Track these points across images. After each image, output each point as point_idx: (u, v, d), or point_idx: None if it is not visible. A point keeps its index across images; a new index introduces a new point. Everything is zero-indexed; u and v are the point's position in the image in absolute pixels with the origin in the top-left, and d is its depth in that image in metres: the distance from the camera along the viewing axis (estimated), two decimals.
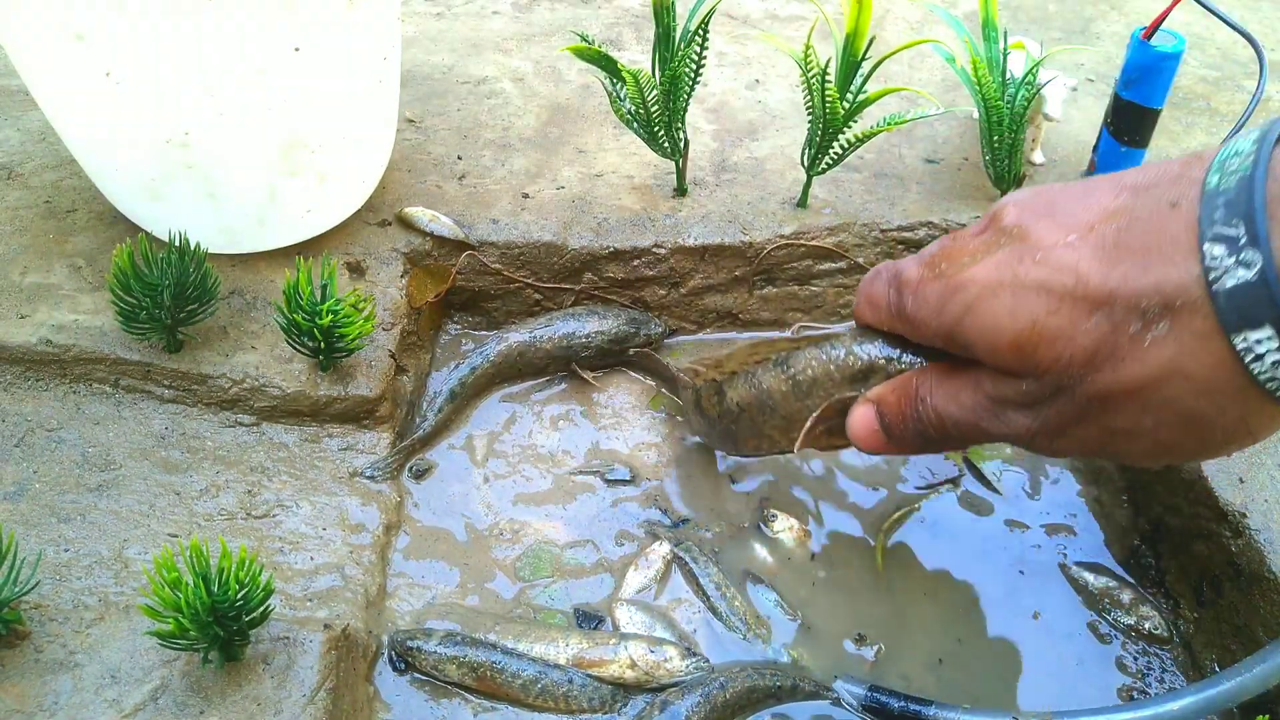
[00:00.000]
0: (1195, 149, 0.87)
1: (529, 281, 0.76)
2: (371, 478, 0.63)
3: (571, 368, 0.72)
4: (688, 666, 0.55)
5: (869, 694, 0.55)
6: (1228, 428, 0.36)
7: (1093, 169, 0.82)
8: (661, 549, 0.62)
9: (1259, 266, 0.33)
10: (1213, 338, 0.34)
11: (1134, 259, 0.36)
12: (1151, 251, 0.35)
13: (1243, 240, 0.33)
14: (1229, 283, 0.34)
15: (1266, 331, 0.33)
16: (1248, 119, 0.69)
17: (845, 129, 0.71)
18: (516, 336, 0.71)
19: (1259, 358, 0.34)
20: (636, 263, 0.76)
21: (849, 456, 0.69)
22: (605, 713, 0.54)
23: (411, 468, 0.67)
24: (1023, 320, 0.38)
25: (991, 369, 0.42)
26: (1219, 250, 0.34)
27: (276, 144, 0.63)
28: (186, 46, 0.56)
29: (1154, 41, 0.73)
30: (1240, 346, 0.34)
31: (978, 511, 0.66)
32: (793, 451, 0.54)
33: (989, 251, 0.41)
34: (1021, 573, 0.63)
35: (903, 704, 0.54)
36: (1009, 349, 0.39)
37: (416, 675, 0.56)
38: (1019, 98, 0.73)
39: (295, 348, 0.63)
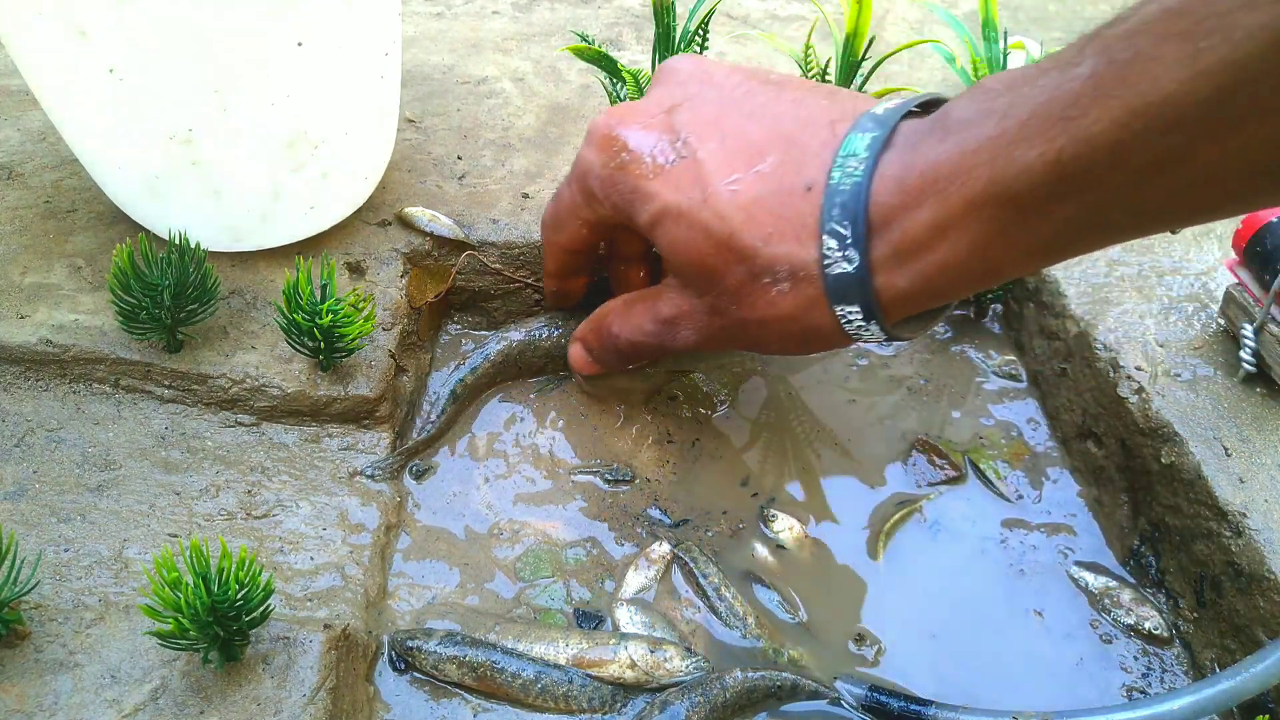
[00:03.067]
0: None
1: (529, 281, 0.76)
2: (372, 477, 0.63)
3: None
4: (688, 666, 0.55)
5: (869, 694, 0.55)
6: (824, 344, 0.49)
7: None
8: (661, 549, 0.62)
9: (856, 264, 0.43)
10: (820, 302, 0.46)
11: (773, 226, 0.45)
12: (785, 224, 0.45)
13: (849, 240, 0.43)
14: (835, 270, 0.44)
15: (855, 307, 0.45)
16: None
17: None
18: (516, 335, 0.71)
19: (849, 320, 0.46)
20: None
21: (850, 456, 0.69)
22: (605, 713, 0.54)
23: (412, 468, 0.67)
24: (693, 252, 0.48)
25: (663, 292, 0.54)
26: (833, 243, 0.44)
27: (280, 140, 0.63)
28: (190, 42, 0.56)
29: None
30: (838, 312, 0.46)
31: (978, 511, 0.66)
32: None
33: (667, 163, 0.49)
34: (1022, 572, 0.63)
35: (902, 704, 0.54)
36: (683, 268, 0.50)
37: (416, 675, 0.56)
38: None
39: (295, 348, 0.63)
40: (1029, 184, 0.39)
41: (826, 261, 0.44)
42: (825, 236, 0.44)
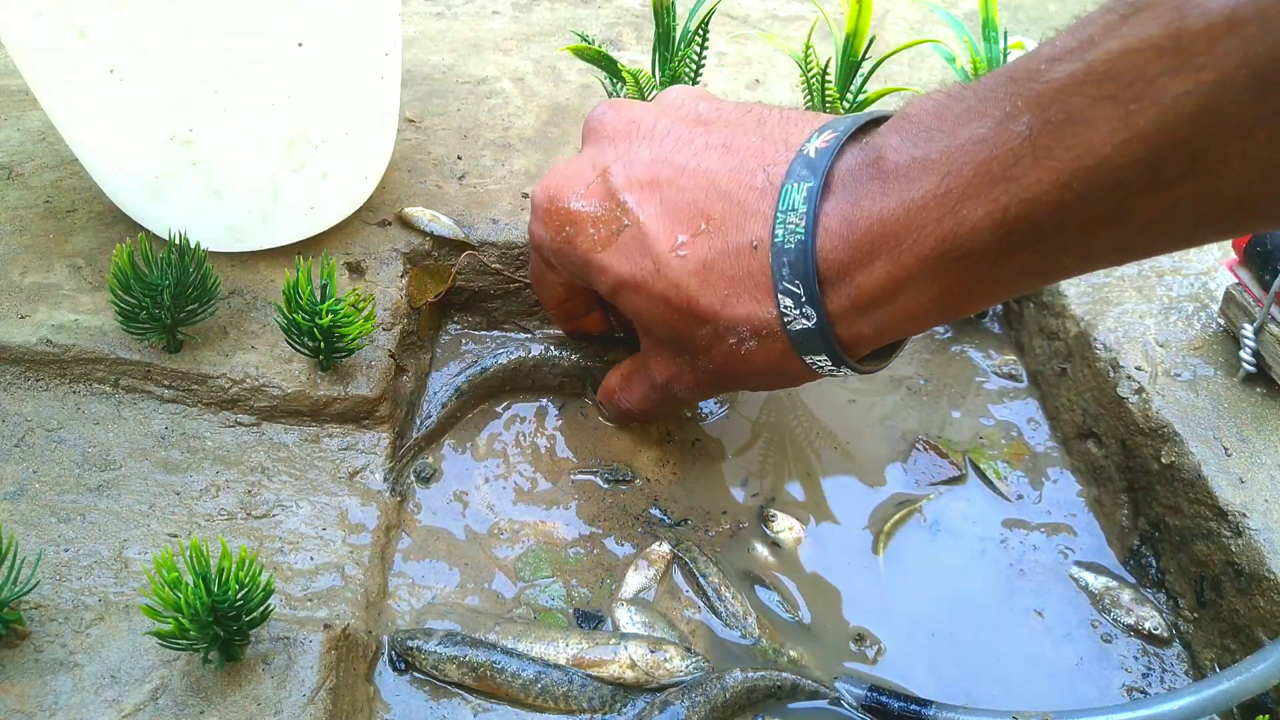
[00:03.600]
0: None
1: (529, 282, 0.76)
2: (393, 489, 0.63)
3: (587, 390, 0.71)
4: (688, 666, 0.55)
5: (869, 694, 0.55)
6: (804, 380, 0.50)
7: None
8: (661, 549, 0.62)
9: (815, 320, 0.44)
10: (789, 353, 0.46)
11: (728, 288, 0.45)
12: (740, 285, 0.45)
13: (803, 299, 0.43)
14: (796, 326, 0.45)
15: (823, 356, 0.46)
16: None
17: None
18: (536, 349, 0.70)
19: (820, 366, 0.47)
20: None
21: (850, 456, 0.69)
22: (605, 713, 0.54)
23: (417, 471, 0.67)
24: (658, 318, 0.49)
25: (648, 359, 0.55)
26: (788, 302, 0.44)
27: (280, 140, 0.63)
28: (190, 42, 0.56)
29: None
30: (809, 360, 0.46)
31: (978, 511, 0.66)
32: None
33: (610, 229, 0.49)
34: (1022, 572, 0.63)
35: (902, 704, 0.54)
36: (653, 331, 0.51)
37: (416, 675, 0.56)
38: None
39: (295, 348, 0.63)
40: (979, 242, 0.39)
41: (786, 319, 0.44)
42: (780, 296, 0.44)
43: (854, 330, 0.44)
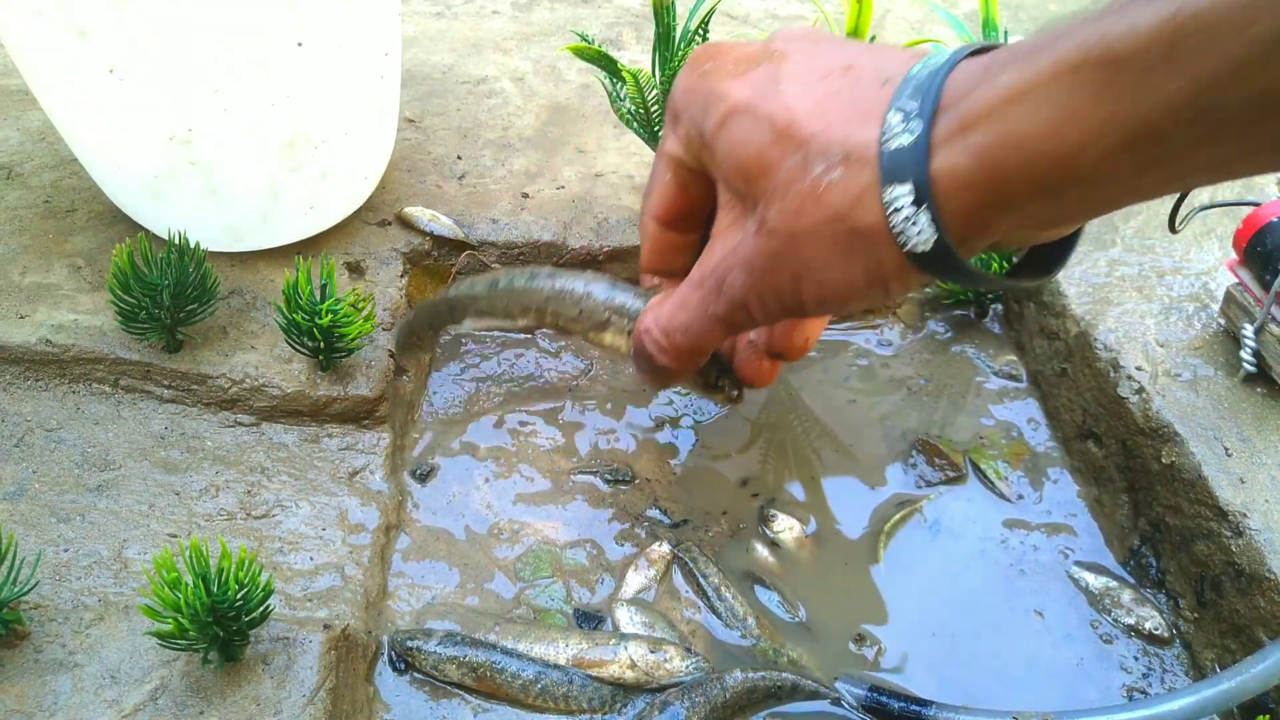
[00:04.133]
0: None
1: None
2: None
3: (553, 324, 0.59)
4: (688, 666, 0.55)
5: (869, 694, 0.55)
6: (869, 271, 0.42)
7: None
8: (661, 549, 0.62)
9: (916, 134, 0.40)
10: (872, 188, 0.41)
11: (839, 115, 0.42)
12: (852, 113, 0.42)
13: (913, 113, 0.40)
14: (893, 145, 0.40)
15: (907, 187, 0.40)
16: None
17: None
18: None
19: (897, 210, 0.40)
20: (637, 263, 0.75)
21: (850, 456, 0.69)
22: (605, 713, 0.54)
23: (415, 470, 0.67)
24: (751, 147, 0.44)
25: (709, 248, 0.48)
26: (895, 119, 0.40)
27: (279, 140, 0.63)
28: (190, 42, 0.56)
29: None
30: (887, 198, 0.40)
31: (978, 511, 0.66)
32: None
33: (751, 65, 0.46)
34: (1022, 572, 0.63)
35: (903, 704, 0.54)
36: (741, 170, 0.45)
37: (416, 675, 0.56)
38: None
39: (295, 348, 0.63)
40: (1134, 41, 0.34)
41: (885, 137, 0.40)
42: (889, 114, 0.40)
43: (950, 161, 0.39)
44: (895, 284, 0.43)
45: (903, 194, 0.40)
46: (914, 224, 0.41)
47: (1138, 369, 0.65)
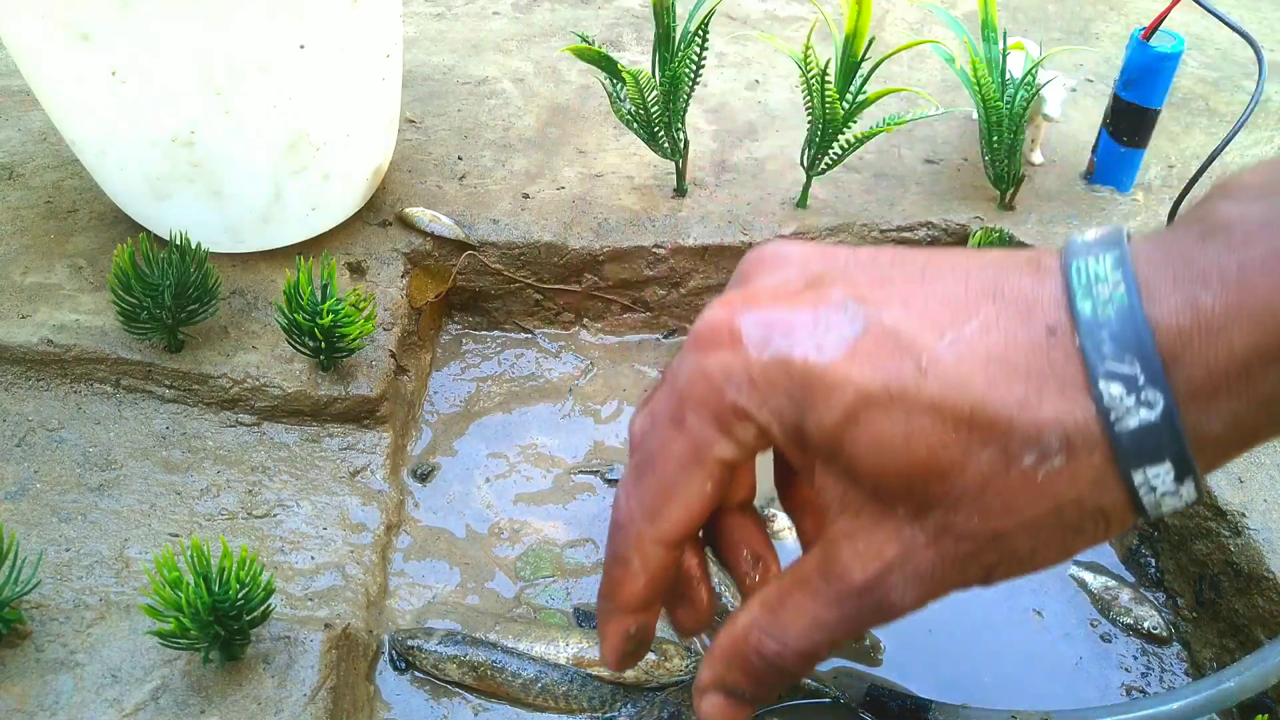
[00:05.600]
0: (1192, 151, 0.87)
1: (529, 282, 0.76)
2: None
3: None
4: (687, 666, 0.55)
5: (869, 693, 0.55)
6: (1098, 538, 0.35)
7: (1091, 169, 0.82)
8: None
9: (1161, 406, 0.33)
10: (1109, 471, 0.34)
11: (1023, 386, 0.34)
12: (1042, 380, 0.34)
13: (1141, 381, 0.33)
14: (1131, 423, 0.33)
15: (1166, 466, 0.33)
16: (1246, 119, 0.69)
17: (845, 129, 0.72)
18: None
19: (1152, 489, 0.34)
20: (637, 263, 0.76)
21: None
22: (605, 713, 0.54)
23: (416, 470, 0.67)
24: (918, 446, 0.34)
25: (838, 548, 0.37)
26: (1117, 389, 0.33)
27: (281, 142, 0.63)
28: (192, 45, 0.56)
29: (1153, 42, 0.73)
30: (1138, 481, 0.34)
31: None
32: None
33: (844, 339, 0.35)
34: None
35: (902, 703, 0.54)
36: (900, 475, 0.35)
37: (417, 674, 0.56)
38: (1018, 98, 0.73)
39: (296, 348, 0.63)
40: None
41: (1113, 414, 0.33)
42: (1102, 384, 0.33)
43: (1204, 425, 0.33)
44: (1101, 543, 0.37)
45: (1161, 473, 0.34)
46: (1175, 495, 0.34)
47: None
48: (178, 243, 0.61)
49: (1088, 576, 0.62)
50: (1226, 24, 0.70)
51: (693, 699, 0.42)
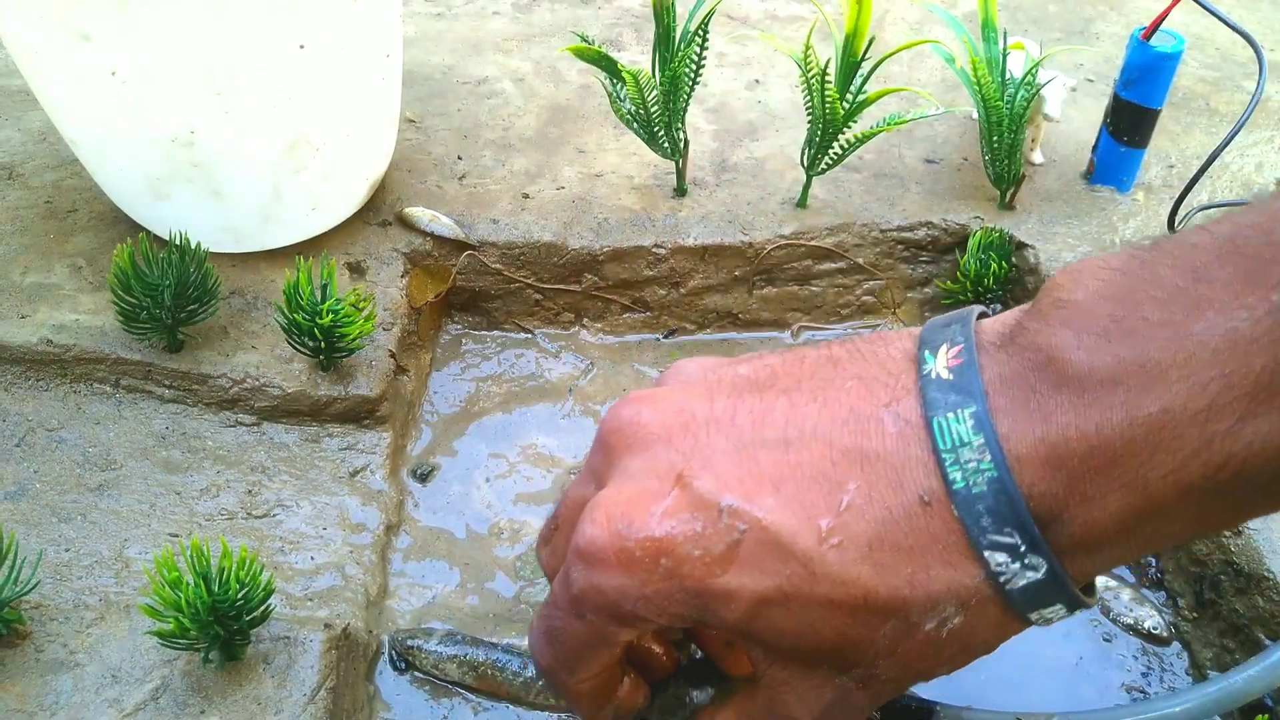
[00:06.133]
0: (1193, 151, 0.87)
1: (529, 282, 0.76)
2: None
3: None
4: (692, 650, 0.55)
5: None
6: (1000, 643, 0.38)
7: (1092, 169, 0.82)
8: None
9: (1045, 568, 0.34)
10: (1006, 616, 0.36)
11: (910, 564, 0.35)
12: (925, 554, 0.35)
13: (1023, 549, 0.34)
14: (1020, 583, 0.35)
15: (1058, 608, 0.35)
16: (1246, 119, 0.69)
17: (845, 129, 0.71)
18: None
19: (1048, 620, 0.36)
20: (637, 263, 0.76)
21: None
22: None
23: (416, 470, 0.67)
24: (823, 633, 0.37)
25: (777, 695, 0.40)
26: (1002, 558, 0.34)
27: (281, 142, 0.63)
28: (192, 45, 0.56)
29: (1153, 42, 0.73)
30: (1034, 618, 0.36)
31: None
32: None
33: (726, 546, 0.36)
34: None
35: (906, 706, 0.54)
36: (808, 654, 0.38)
37: (417, 674, 0.56)
38: (1018, 98, 0.73)
39: (296, 347, 0.63)
40: (1266, 463, 0.31)
41: (1002, 578, 0.35)
42: (988, 554, 0.34)
43: (1083, 570, 0.35)
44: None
45: (1056, 609, 0.36)
46: (1072, 616, 0.37)
47: None
48: (177, 243, 0.61)
49: None
50: (1226, 24, 0.70)
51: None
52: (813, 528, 0.36)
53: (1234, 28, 0.70)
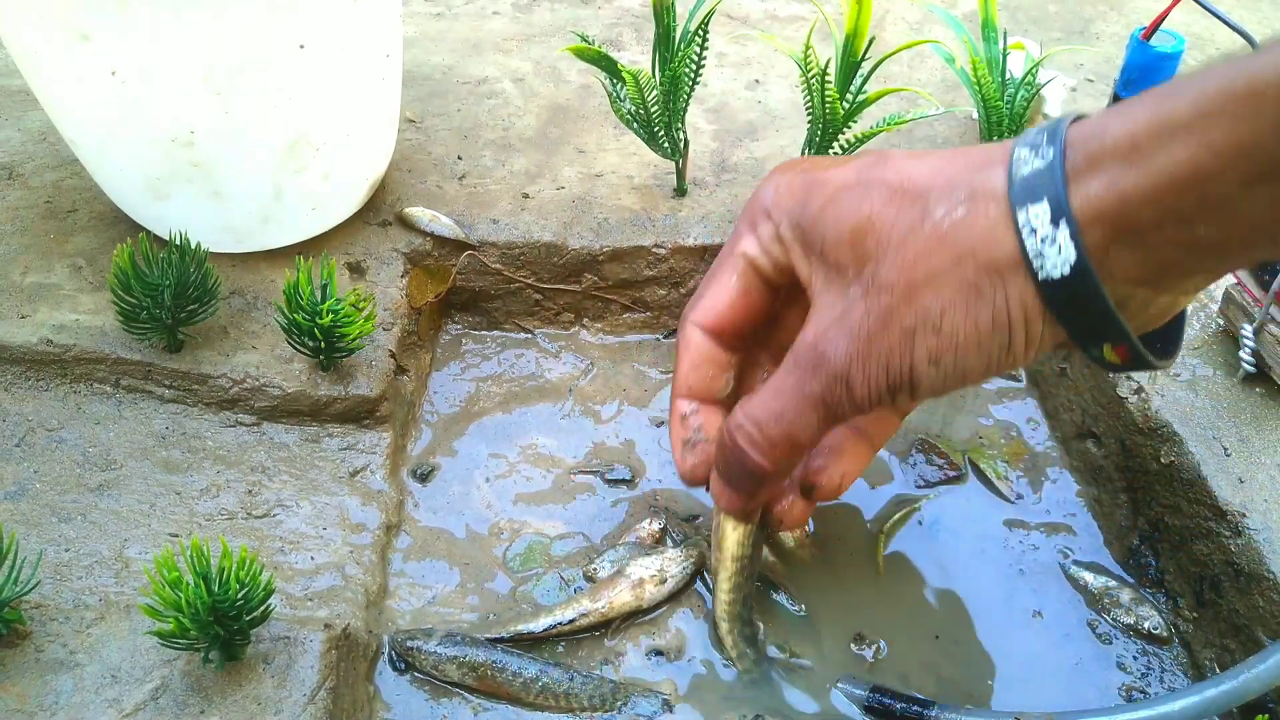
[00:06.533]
0: None
1: (529, 282, 0.76)
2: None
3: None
4: (683, 553, 0.59)
5: (871, 694, 0.55)
6: (997, 314, 0.40)
7: None
8: (652, 526, 0.63)
9: (1050, 158, 0.38)
10: (1001, 221, 0.39)
11: (959, 168, 0.41)
12: (973, 164, 0.41)
13: (1043, 144, 0.39)
14: (1025, 170, 0.39)
15: (1044, 205, 0.38)
16: None
17: (845, 129, 0.71)
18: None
19: (1033, 231, 0.38)
20: (637, 263, 0.76)
21: None
22: (605, 711, 0.54)
23: (415, 470, 0.67)
24: (864, 210, 0.43)
25: (801, 334, 0.45)
26: (1024, 153, 0.39)
27: (281, 142, 0.63)
28: (192, 45, 0.56)
29: (1153, 42, 0.73)
30: (1021, 220, 0.39)
31: (978, 511, 0.66)
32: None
33: (848, 161, 0.46)
34: (1021, 572, 0.63)
35: (904, 705, 0.54)
36: (849, 236, 0.43)
37: (417, 675, 0.56)
38: (1018, 98, 0.73)
39: (296, 347, 0.63)
40: (1277, 77, 0.33)
41: (1014, 169, 0.39)
42: (1016, 151, 0.40)
43: (1085, 188, 0.37)
44: (1021, 331, 0.40)
45: (1039, 213, 0.38)
46: (1052, 243, 0.38)
47: None
48: (177, 243, 0.61)
49: (1088, 576, 0.62)
50: (1226, 24, 0.70)
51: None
52: (910, 157, 0.44)
53: (1234, 28, 0.70)
